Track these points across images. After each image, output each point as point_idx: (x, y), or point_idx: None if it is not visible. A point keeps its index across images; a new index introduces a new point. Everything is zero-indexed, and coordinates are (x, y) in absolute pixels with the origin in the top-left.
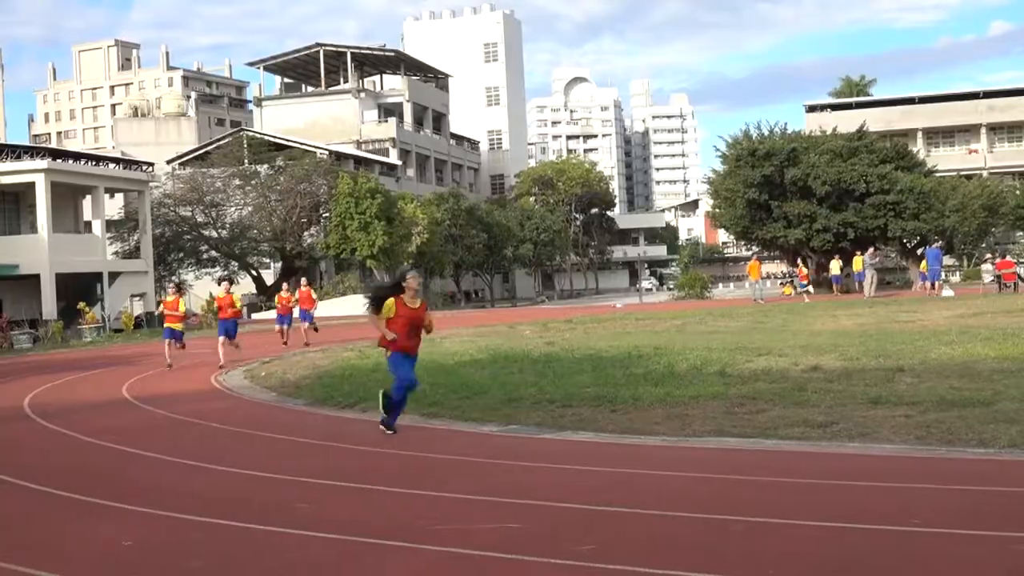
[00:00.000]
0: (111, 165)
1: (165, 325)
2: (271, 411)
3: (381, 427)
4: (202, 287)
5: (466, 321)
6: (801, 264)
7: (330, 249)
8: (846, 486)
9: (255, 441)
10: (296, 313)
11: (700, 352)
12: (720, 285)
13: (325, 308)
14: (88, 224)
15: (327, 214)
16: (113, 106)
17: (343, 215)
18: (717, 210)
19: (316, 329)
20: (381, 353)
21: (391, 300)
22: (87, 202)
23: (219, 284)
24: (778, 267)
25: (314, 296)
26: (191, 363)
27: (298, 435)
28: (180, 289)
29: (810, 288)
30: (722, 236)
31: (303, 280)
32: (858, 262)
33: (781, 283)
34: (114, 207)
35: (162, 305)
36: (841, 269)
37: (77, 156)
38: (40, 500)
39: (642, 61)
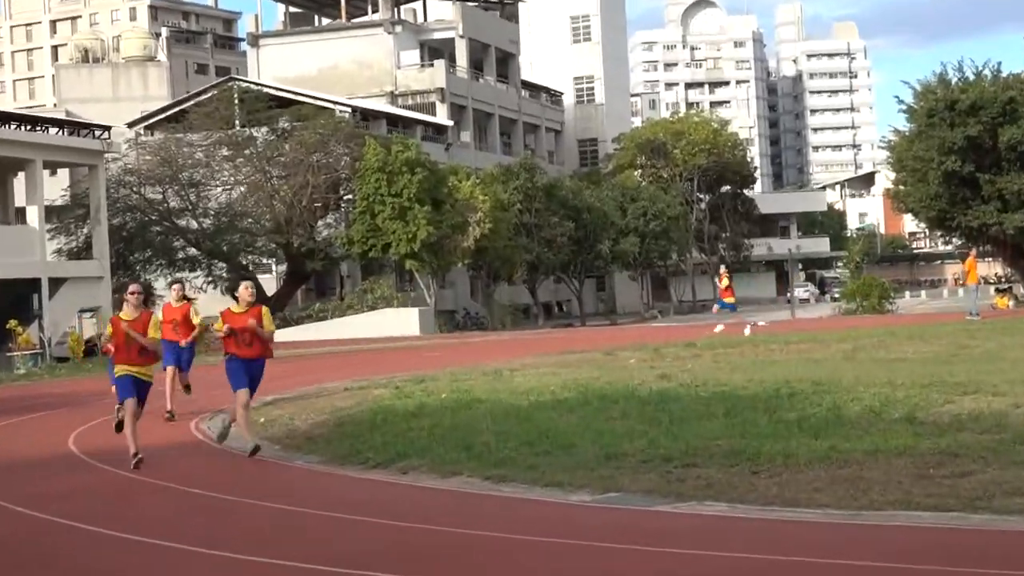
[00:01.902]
0: (52, 130)
1: (121, 373)
2: (272, 471)
3: None
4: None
5: (546, 345)
6: (724, 271)
7: (354, 245)
8: None
9: (247, 513)
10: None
11: (879, 389)
12: (907, 293)
13: (349, 327)
14: (21, 212)
15: (350, 196)
16: (55, 48)
17: (372, 197)
18: (901, 187)
19: (187, 387)
20: (424, 392)
21: None
22: (19, 181)
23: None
24: (991, 268)
25: (194, 318)
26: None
27: (308, 505)
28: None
29: (749, 321)
30: (909, 224)
31: (175, 286)
32: None
33: (996, 290)
34: (56, 188)
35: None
36: None
37: (5, 118)
38: None
39: None
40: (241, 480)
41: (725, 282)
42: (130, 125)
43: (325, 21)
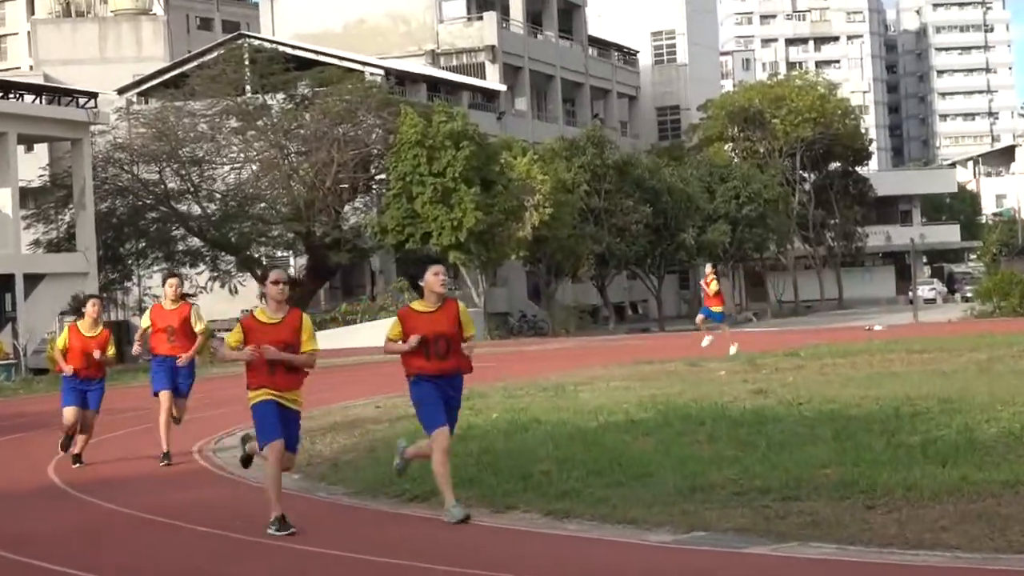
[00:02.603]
0: (28, 97)
1: (263, 397)
2: (289, 504)
3: None
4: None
5: (618, 354)
6: (711, 271)
7: (387, 234)
8: None
9: (255, 556)
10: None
11: (1020, 408)
12: None
13: (381, 333)
14: None
15: (382, 176)
16: (31, 0)
17: (409, 177)
18: None
19: (178, 418)
20: (472, 410)
21: None
22: None
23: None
24: None
25: (197, 325)
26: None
27: (331, 545)
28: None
29: (726, 327)
30: None
31: (171, 280)
32: None
33: None
34: (33, 167)
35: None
36: None
37: None
38: None
39: None
40: (251, 516)
41: (715, 286)
42: (120, 91)
43: None
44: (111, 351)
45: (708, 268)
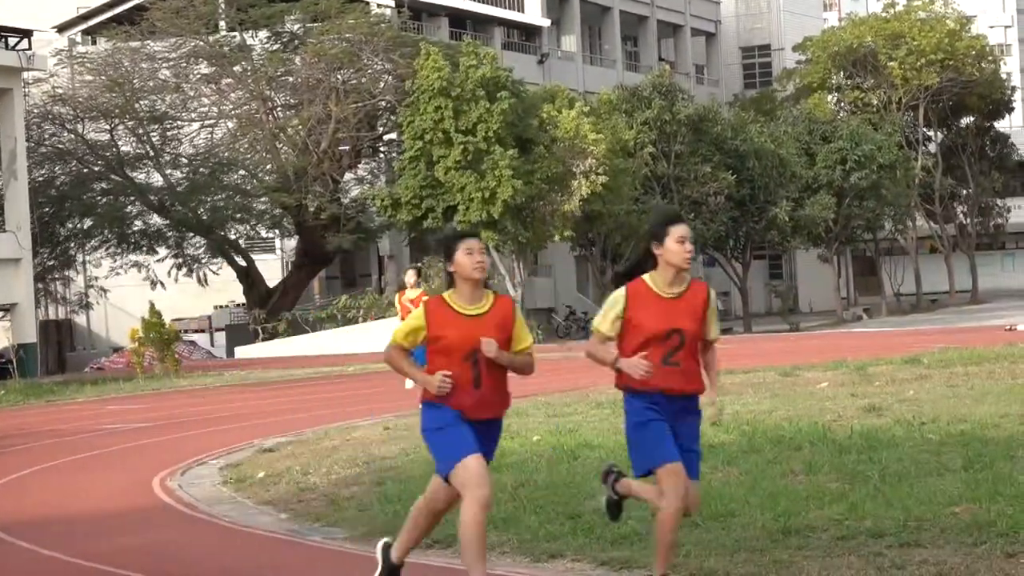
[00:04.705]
0: None
1: None
2: (274, 551)
3: None
4: (129, 294)
5: None
6: (413, 280)
7: (400, 209)
8: None
9: None
10: None
11: None
12: None
13: (390, 334)
14: None
15: (393, 135)
16: None
17: (429, 136)
18: None
19: None
20: (506, 433)
21: None
22: None
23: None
24: None
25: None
26: (120, 448)
27: None
28: None
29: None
30: None
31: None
32: None
33: None
34: None
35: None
36: None
37: None
38: None
39: None
40: (225, 564)
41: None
42: (61, 29)
43: None
44: (526, 341)
45: (410, 277)
